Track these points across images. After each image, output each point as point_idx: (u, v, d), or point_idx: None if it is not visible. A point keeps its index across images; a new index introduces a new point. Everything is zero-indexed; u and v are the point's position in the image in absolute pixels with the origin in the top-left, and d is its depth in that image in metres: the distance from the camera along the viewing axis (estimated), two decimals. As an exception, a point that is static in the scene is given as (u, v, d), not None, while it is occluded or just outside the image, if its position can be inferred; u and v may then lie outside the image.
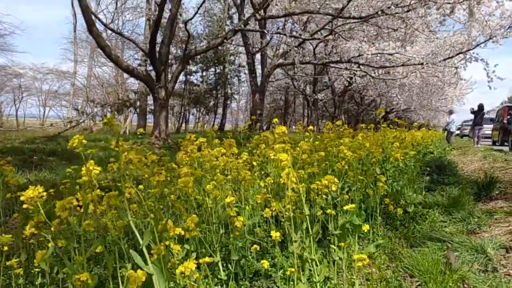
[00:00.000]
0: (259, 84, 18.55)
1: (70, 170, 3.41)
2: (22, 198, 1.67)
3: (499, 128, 19.16)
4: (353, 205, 2.30)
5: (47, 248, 2.28)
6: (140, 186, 2.87)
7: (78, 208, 2.29)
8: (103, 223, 2.21)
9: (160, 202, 2.41)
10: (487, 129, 22.43)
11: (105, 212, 2.15)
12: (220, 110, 32.22)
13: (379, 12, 10.42)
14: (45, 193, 1.73)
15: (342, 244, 2.34)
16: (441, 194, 5.25)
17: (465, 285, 2.62)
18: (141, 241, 1.56)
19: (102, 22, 14.11)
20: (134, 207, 2.54)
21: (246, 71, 24.48)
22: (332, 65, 17.08)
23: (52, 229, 1.96)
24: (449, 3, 10.12)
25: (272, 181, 2.66)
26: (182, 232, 1.83)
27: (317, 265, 2.05)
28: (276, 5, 14.83)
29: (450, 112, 20.30)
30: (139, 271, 1.49)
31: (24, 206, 1.68)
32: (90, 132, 22.09)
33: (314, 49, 19.21)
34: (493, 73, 11.59)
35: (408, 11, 10.41)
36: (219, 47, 22.02)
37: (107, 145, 11.90)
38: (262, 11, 12.99)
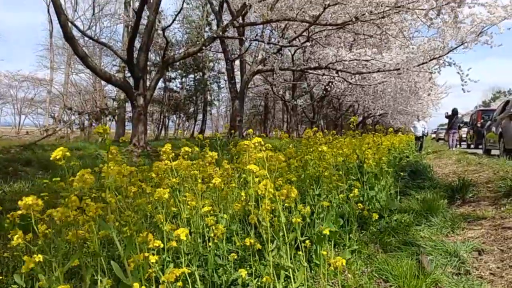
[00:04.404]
0: (238, 90, 18.61)
1: (47, 181, 3.37)
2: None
3: (473, 131, 19.69)
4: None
5: (22, 262, 2.26)
6: (119, 197, 2.86)
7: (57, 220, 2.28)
8: (80, 234, 2.20)
9: (138, 213, 2.41)
10: (463, 132, 23.07)
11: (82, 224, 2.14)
12: (200, 116, 32.12)
13: (354, 19, 10.61)
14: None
15: (324, 252, 2.38)
16: (416, 198, 5.36)
17: (438, 288, 2.69)
18: (122, 253, 1.57)
19: (79, 29, 13.99)
20: (112, 218, 2.54)
21: (226, 78, 24.52)
22: (310, 71, 17.27)
23: (40, 241, 1.94)
24: (423, 9, 10.38)
25: (251, 191, 2.69)
26: (162, 245, 1.85)
27: (294, 273, 2.09)
28: (255, 12, 14.94)
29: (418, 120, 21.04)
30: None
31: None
32: (68, 140, 21.74)
33: (292, 55, 19.41)
34: (467, 76, 11.88)
35: (382, 17, 10.63)
36: (198, 54, 22.00)
37: (85, 153, 11.75)
38: (240, 18, 13.07)
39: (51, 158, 1.54)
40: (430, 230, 4.10)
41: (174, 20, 14.88)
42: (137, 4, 17.66)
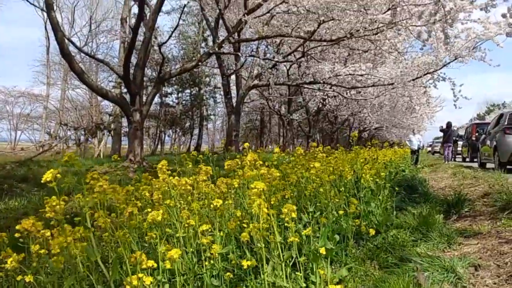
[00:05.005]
0: (234, 105, 18.68)
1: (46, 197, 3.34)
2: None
3: (468, 145, 19.79)
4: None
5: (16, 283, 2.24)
6: (113, 214, 2.85)
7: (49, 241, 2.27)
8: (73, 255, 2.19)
9: (132, 232, 2.40)
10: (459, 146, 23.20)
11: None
12: (196, 131, 32.19)
13: (348, 35, 10.74)
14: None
15: (321, 271, 2.38)
16: (412, 213, 5.36)
17: (435, 305, 2.68)
18: (108, 276, 1.56)
19: (75, 46, 14.05)
20: (106, 235, 2.53)
21: (222, 92, 24.65)
22: (305, 86, 17.38)
23: (34, 264, 1.93)
24: (416, 25, 10.52)
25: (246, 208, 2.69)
26: (155, 265, 1.84)
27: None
28: (250, 28, 15.09)
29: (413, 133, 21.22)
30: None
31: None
32: (64, 155, 21.63)
33: (287, 70, 19.53)
34: (459, 92, 11.99)
35: (376, 33, 10.76)
36: (194, 69, 22.14)
37: (81, 169, 11.68)
38: (236, 34, 13.18)
39: (42, 181, 1.55)
40: (427, 245, 4.09)
41: (170, 36, 15.01)
42: (133, 21, 17.83)
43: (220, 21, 15.41)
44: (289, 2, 10.46)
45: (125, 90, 16.86)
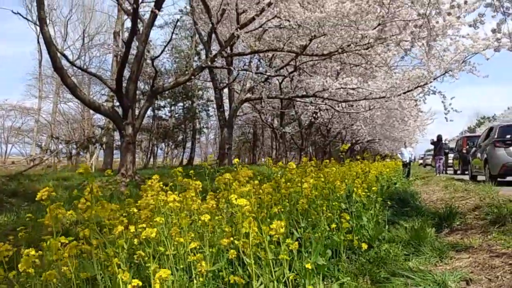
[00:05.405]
0: (227, 118, 18.71)
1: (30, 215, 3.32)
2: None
3: (459, 157, 19.95)
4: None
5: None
6: (105, 230, 2.83)
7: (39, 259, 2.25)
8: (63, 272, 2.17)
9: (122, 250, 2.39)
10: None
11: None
12: (189, 144, 32.14)
13: (340, 50, 10.87)
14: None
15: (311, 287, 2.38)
16: (404, 227, 5.37)
17: (427, 320, 2.68)
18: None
19: (68, 60, 14.01)
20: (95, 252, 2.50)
21: (214, 106, 24.70)
22: (298, 99, 17.48)
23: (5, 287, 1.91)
24: (406, 40, 10.67)
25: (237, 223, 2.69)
26: (140, 283, 1.83)
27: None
28: (242, 42, 15.21)
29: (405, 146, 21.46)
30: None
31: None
32: (55, 169, 21.51)
33: (280, 84, 19.64)
34: (450, 105, 12.10)
35: (367, 48, 10.89)
36: (187, 83, 22.20)
37: (73, 183, 11.62)
38: (228, 48, 13.27)
39: (36, 198, 1.54)
40: (419, 259, 4.09)
41: (163, 50, 15.07)
42: (126, 35, 17.90)
43: (213, 36, 15.50)
44: (281, 17, 10.58)
45: (117, 103, 16.84)
